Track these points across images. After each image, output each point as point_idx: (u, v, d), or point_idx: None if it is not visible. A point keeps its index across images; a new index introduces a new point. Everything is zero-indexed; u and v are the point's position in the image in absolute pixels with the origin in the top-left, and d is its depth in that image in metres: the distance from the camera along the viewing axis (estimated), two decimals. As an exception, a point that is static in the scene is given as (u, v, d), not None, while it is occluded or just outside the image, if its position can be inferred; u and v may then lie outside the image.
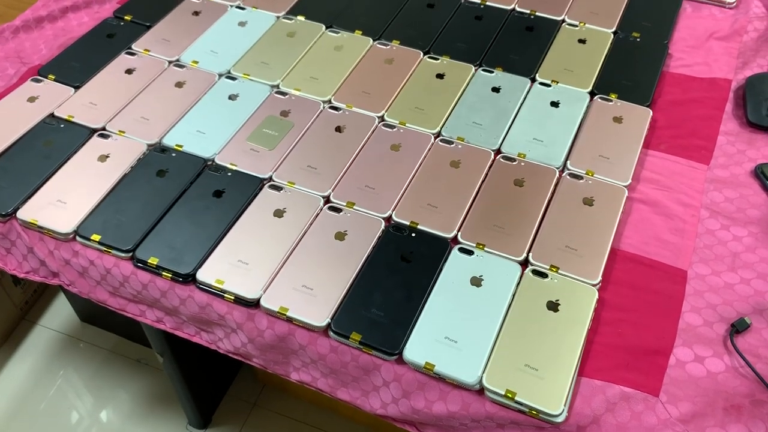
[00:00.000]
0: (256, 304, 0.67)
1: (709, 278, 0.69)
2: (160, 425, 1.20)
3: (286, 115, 0.84)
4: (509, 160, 0.78)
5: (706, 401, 0.60)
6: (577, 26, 0.95)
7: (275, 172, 0.78)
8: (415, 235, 0.71)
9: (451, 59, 0.91)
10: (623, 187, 0.75)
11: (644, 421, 0.59)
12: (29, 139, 0.82)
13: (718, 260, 0.70)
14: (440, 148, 0.80)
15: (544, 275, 0.68)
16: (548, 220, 0.72)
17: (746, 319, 0.64)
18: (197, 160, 0.79)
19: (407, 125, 0.83)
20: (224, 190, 0.76)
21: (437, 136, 0.82)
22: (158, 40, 0.95)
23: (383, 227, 0.72)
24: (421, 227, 0.72)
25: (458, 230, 0.72)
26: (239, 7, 1.00)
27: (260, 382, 1.24)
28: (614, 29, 0.94)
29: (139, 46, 0.94)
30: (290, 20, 0.97)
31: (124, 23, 0.98)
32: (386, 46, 0.93)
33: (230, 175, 0.77)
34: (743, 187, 0.77)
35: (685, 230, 0.72)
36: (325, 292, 0.67)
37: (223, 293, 0.68)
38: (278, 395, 1.23)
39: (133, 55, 0.92)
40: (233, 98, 0.86)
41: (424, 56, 0.91)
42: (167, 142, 0.81)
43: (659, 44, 0.92)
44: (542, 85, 0.87)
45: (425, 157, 0.79)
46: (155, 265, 0.69)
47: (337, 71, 0.89)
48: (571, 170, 0.77)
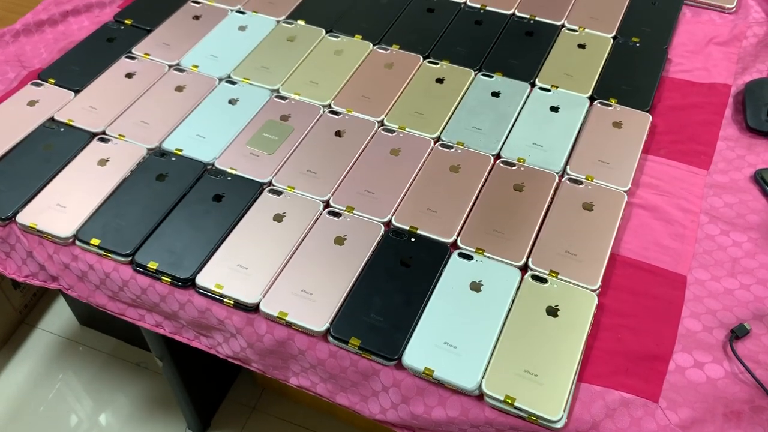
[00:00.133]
0: (255, 308, 0.67)
1: (708, 284, 0.69)
2: (159, 429, 1.20)
3: (285, 119, 0.84)
4: (509, 164, 0.78)
5: (705, 407, 0.60)
6: (576, 31, 0.95)
7: (275, 176, 0.78)
8: (414, 239, 0.71)
9: (450, 64, 0.91)
10: (623, 192, 0.75)
11: (644, 427, 0.59)
12: (29, 142, 0.82)
13: (717, 266, 0.70)
14: (440, 152, 0.80)
15: (543, 280, 0.68)
16: (548, 225, 0.72)
17: (746, 324, 0.64)
18: (197, 164, 0.79)
19: (407, 130, 0.83)
20: (224, 194, 0.76)
21: (437, 140, 0.82)
22: (158, 44, 0.95)
23: (383, 232, 0.72)
24: (420, 232, 0.72)
25: (458, 235, 0.72)
26: (239, 11, 1.00)
27: (259, 386, 1.24)
28: (614, 34, 0.95)
29: (139, 50, 0.94)
30: (290, 25, 0.97)
31: (124, 27, 0.98)
32: (386, 50, 0.93)
33: (230, 179, 0.77)
34: (743, 192, 0.77)
35: (684, 235, 0.72)
36: (324, 296, 0.67)
37: (222, 298, 0.68)
38: (277, 399, 1.23)
39: (133, 59, 0.92)
40: (233, 102, 0.86)
41: (423, 61, 0.92)
42: (167, 146, 0.81)
43: (659, 49, 0.92)
44: (542, 89, 0.87)
45: (425, 161, 0.79)
46: (154, 269, 0.69)
47: (337, 76, 0.89)
48: (570, 175, 0.77)
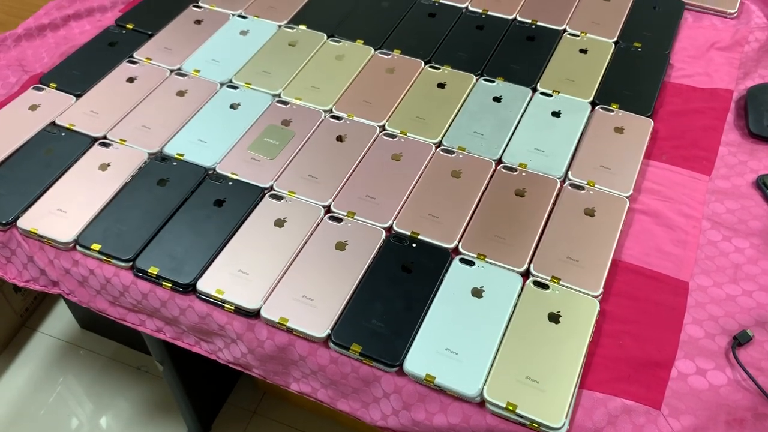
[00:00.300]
0: (256, 314, 0.67)
1: (710, 290, 0.68)
2: (159, 433, 1.20)
3: (287, 124, 0.84)
4: (510, 170, 0.78)
5: (708, 414, 0.60)
6: (578, 36, 0.95)
7: (276, 181, 0.78)
8: (415, 245, 0.71)
9: (452, 69, 0.91)
10: (624, 197, 0.75)
11: (646, 434, 0.59)
12: (30, 147, 0.82)
13: (719, 272, 0.70)
14: (441, 157, 0.80)
15: (545, 286, 0.67)
16: (549, 230, 0.72)
17: (748, 331, 0.64)
18: (198, 169, 0.79)
19: (408, 135, 0.83)
20: (225, 199, 0.76)
21: (438, 145, 0.82)
22: (160, 48, 0.95)
23: (384, 237, 0.72)
24: (421, 237, 0.72)
25: (459, 241, 0.72)
26: (241, 16, 1.00)
27: (260, 390, 1.24)
28: (615, 39, 0.94)
29: (140, 54, 0.94)
30: (292, 29, 0.97)
31: (126, 32, 0.98)
32: (387, 55, 0.93)
33: (231, 184, 0.77)
34: (745, 198, 0.77)
35: (686, 241, 0.72)
36: (325, 302, 0.66)
37: (223, 303, 0.67)
38: (278, 404, 1.23)
39: (134, 63, 0.92)
40: (234, 107, 0.86)
41: (425, 66, 0.91)
42: (168, 151, 0.81)
43: (660, 54, 0.92)
44: (543, 95, 0.87)
45: (426, 166, 0.79)
46: (155, 274, 0.69)
47: (338, 80, 0.89)
48: (572, 181, 0.77)
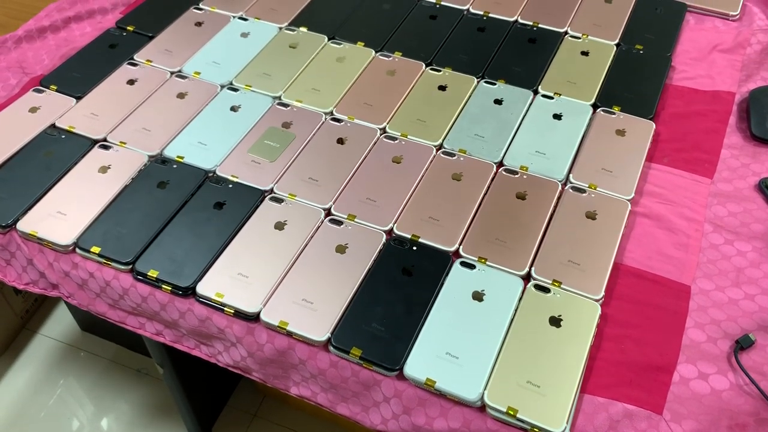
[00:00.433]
0: (255, 317, 0.67)
1: (713, 294, 0.68)
2: (159, 436, 1.20)
3: (287, 126, 0.84)
4: (511, 172, 0.78)
5: (710, 419, 0.59)
6: (579, 38, 0.95)
7: (276, 184, 0.78)
8: (416, 248, 0.71)
9: (453, 71, 0.90)
10: (626, 200, 0.75)
11: (647, 439, 0.58)
12: (30, 149, 0.81)
13: (722, 275, 0.70)
14: (442, 160, 0.80)
15: (546, 290, 0.67)
16: (551, 233, 0.72)
17: (751, 335, 0.64)
18: (198, 171, 0.79)
19: (409, 137, 0.82)
20: (225, 202, 0.76)
21: (439, 148, 0.81)
22: (160, 50, 0.94)
23: (384, 240, 0.72)
24: (422, 240, 0.72)
25: (460, 244, 0.71)
26: (242, 18, 1.00)
27: (260, 393, 1.24)
28: (617, 41, 0.94)
29: (141, 56, 0.94)
30: (292, 31, 0.97)
31: (126, 34, 0.97)
32: (388, 57, 0.93)
33: (231, 186, 0.77)
34: (747, 201, 0.76)
35: (688, 245, 0.72)
36: (325, 306, 0.66)
37: (222, 307, 0.67)
38: (279, 406, 1.23)
39: (135, 65, 0.92)
40: (235, 109, 0.86)
41: (426, 68, 0.91)
42: (168, 153, 0.81)
43: (662, 56, 0.92)
44: (545, 97, 0.87)
45: (427, 169, 0.79)
46: (155, 277, 0.69)
47: (338, 83, 0.89)
48: (573, 183, 0.77)
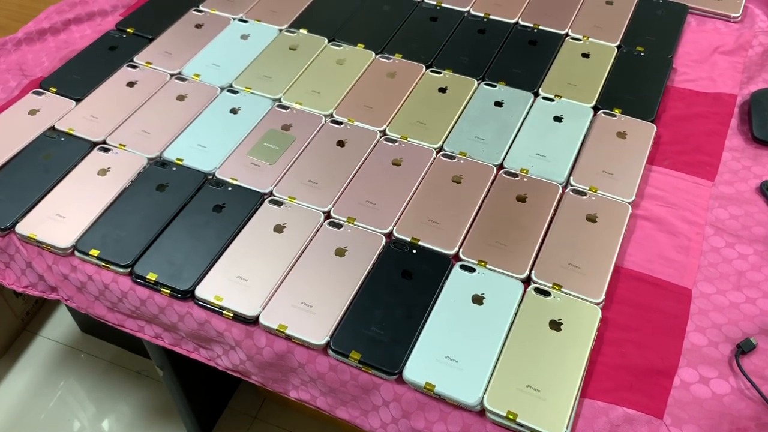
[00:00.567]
0: (254, 321, 0.66)
1: (714, 297, 0.68)
2: (159, 438, 1.20)
3: (287, 129, 0.84)
4: (512, 175, 0.78)
5: (711, 424, 0.59)
6: (580, 40, 0.94)
7: (276, 186, 0.77)
8: (416, 251, 0.71)
9: (453, 73, 0.90)
10: (627, 203, 0.74)
11: (648, 444, 0.58)
12: (29, 152, 0.81)
13: (723, 279, 0.69)
14: (442, 163, 0.79)
15: (546, 293, 0.67)
16: (551, 237, 0.72)
17: (752, 339, 0.63)
18: (198, 174, 0.79)
19: (409, 140, 0.82)
20: (224, 204, 0.75)
21: (439, 150, 0.81)
22: (160, 52, 0.94)
23: (384, 243, 0.71)
24: (422, 243, 0.71)
25: (460, 247, 0.71)
26: (242, 20, 1.00)
27: (261, 395, 1.24)
28: (618, 43, 0.94)
29: (141, 58, 0.93)
30: (292, 33, 0.97)
31: (126, 36, 0.97)
32: (388, 59, 0.93)
33: (230, 189, 0.77)
34: (748, 204, 0.76)
35: (689, 248, 0.71)
36: (324, 309, 0.66)
37: (221, 310, 0.67)
38: (279, 409, 1.22)
39: (135, 67, 0.92)
40: (235, 112, 0.86)
41: (426, 70, 0.91)
42: (168, 155, 0.81)
43: (663, 58, 0.91)
44: (545, 99, 0.86)
45: (427, 172, 0.78)
46: (154, 280, 0.69)
47: (339, 85, 0.89)
48: (574, 186, 0.77)
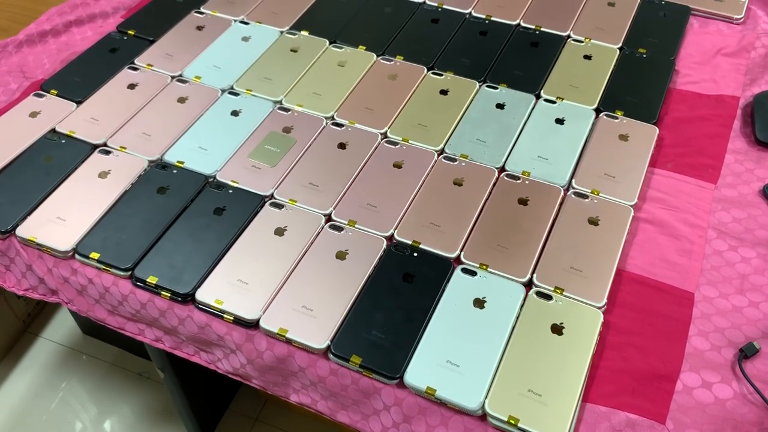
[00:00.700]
0: (255, 325, 0.66)
1: (716, 301, 0.67)
2: (161, 440, 1.20)
3: (288, 131, 0.83)
4: (513, 178, 0.77)
5: (713, 429, 0.59)
6: (582, 42, 0.94)
7: (277, 189, 0.77)
8: (417, 254, 0.70)
9: (455, 75, 0.90)
10: (629, 206, 0.74)
11: (650, 449, 0.58)
12: (30, 154, 0.81)
13: (725, 282, 0.69)
14: (443, 165, 0.79)
15: (548, 297, 0.66)
16: (553, 240, 0.71)
17: (755, 343, 0.63)
18: (198, 177, 0.78)
19: (410, 142, 0.82)
20: (225, 207, 0.75)
21: (440, 153, 0.81)
22: (161, 54, 0.94)
23: (385, 246, 0.71)
24: (423, 246, 0.71)
25: (461, 250, 0.71)
26: (243, 21, 0.99)
27: (262, 397, 1.23)
28: (620, 45, 0.93)
29: (142, 60, 0.93)
30: (294, 35, 0.97)
31: (127, 38, 0.97)
32: (390, 61, 0.92)
33: (231, 192, 0.77)
34: (751, 207, 0.75)
35: (692, 251, 0.71)
36: (325, 313, 0.66)
37: (222, 313, 0.67)
38: (280, 411, 1.22)
39: (135, 70, 0.92)
40: (236, 114, 0.86)
41: (427, 72, 0.91)
42: (168, 158, 0.81)
43: (666, 60, 0.91)
44: (547, 101, 0.86)
45: (428, 174, 0.78)
46: (154, 284, 0.69)
47: (340, 87, 0.89)
48: (576, 189, 0.76)
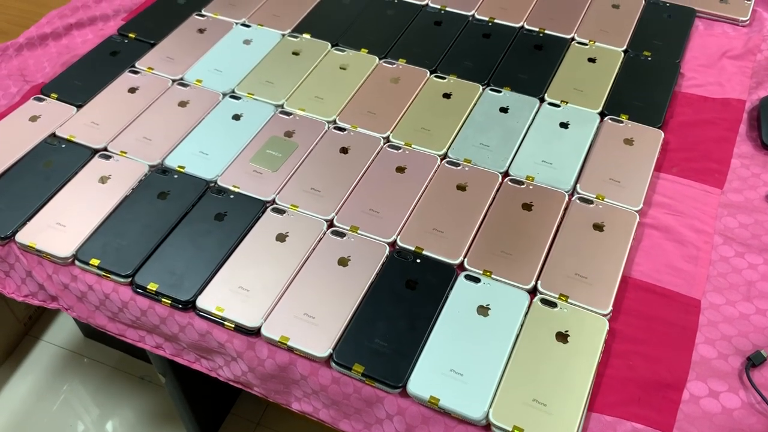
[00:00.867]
0: (256, 332, 0.66)
1: (723, 308, 0.67)
2: (162, 445, 1.19)
3: (290, 135, 0.83)
4: (517, 183, 0.77)
5: (721, 439, 0.58)
6: (586, 45, 0.93)
7: (278, 194, 0.76)
8: (420, 261, 0.70)
9: (458, 78, 0.89)
10: (634, 212, 0.73)
11: (657, 459, 0.57)
12: (30, 159, 0.80)
13: (732, 289, 0.68)
14: (446, 170, 0.78)
15: (553, 304, 0.66)
16: (557, 246, 0.71)
17: (763, 352, 0.62)
18: (199, 182, 0.78)
19: (413, 146, 0.81)
20: (226, 213, 0.74)
21: (443, 157, 0.80)
22: (162, 58, 0.93)
23: (387, 253, 0.70)
24: (426, 253, 0.70)
25: (464, 256, 0.70)
26: (244, 24, 0.99)
27: (263, 401, 1.23)
28: (625, 48, 0.93)
29: (142, 64, 0.93)
30: (295, 38, 0.96)
31: (128, 41, 0.96)
32: (392, 64, 0.91)
33: (233, 197, 0.76)
34: (758, 212, 0.75)
35: (698, 257, 0.70)
36: (327, 320, 0.65)
37: (223, 321, 0.66)
38: (282, 415, 1.22)
39: (136, 73, 0.91)
40: (237, 118, 0.85)
41: (430, 75, 0.90)
42: (169, 163, 0.80)
43: (671, 63, 0.90)
44: (551, 105, 0.85)
45: (431, 179, 0.77)
46: (154, 291, 0.68)
47: (342, 90, 0.88)
48: (580, 194, 0.75)
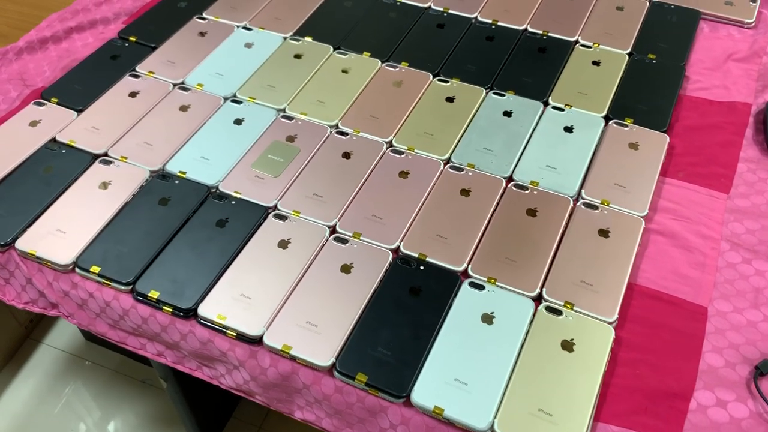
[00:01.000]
0: (258, 340, 0.65)
1: (730, 315, 0.66)
2: (164, 449, 1.19)
3: (292, 140, 0.82)
4: (521, 188, 0.76)
5: (729, 449, 0.57)
6: (590, 47, 0.92)
7: (280, 200, 0.76)
8: (423, 268, 0.69)
9: (461, 82, 0.88)
10: (640, 217, 0.73)
11: (664, 470, 0.56)
12: (30, 165, 0.80)
13: (739, 296, 0.67)
14: (450, 175, 0.78)
15: (558, 312, 0.65)
16: (562, 252, 0.70)
17: (771, 360, 0.61)
18: (200, 187, 0.77)
19: (416, 151, 0.80)
20: (228, 219, 0.74)
21: (447, 162, 0.79)
22: (163, 61, 0.93)
23: (390, 259, 0.70)
24: (429, 260, 0.70)
25: (468, 263, 0.69)
26: (246, 27, 0.98)
27: (265, 406, 1.22)
28: (629, 50, 0.92)
29: (143, 68, 0.92)
30: (297, 42, 0.95)
31: (128, 44, 0.96)
32: (395, 68, 0.91)
33: (234, 203, 0.75)
34: (765, 217, 0.74)
35: (705, 264, 0.69)
36: (329, 329, 0.64)
37: (224, 329, 0.65)
38: (284, 420, 1.21)
39: (137, 77, 0.91)
40: (238, 123, 0.84)
41: (433, 79, 0.89)
42: (170, 168, 0.79)
43: (676, 66, 0.89)
44: (555, 109, 0.84)
45: (434, 184, 0.77)
46: (155, 298, 0.67)
47: (344, 94, 0.87)
48: (585, 199, 0.75)
